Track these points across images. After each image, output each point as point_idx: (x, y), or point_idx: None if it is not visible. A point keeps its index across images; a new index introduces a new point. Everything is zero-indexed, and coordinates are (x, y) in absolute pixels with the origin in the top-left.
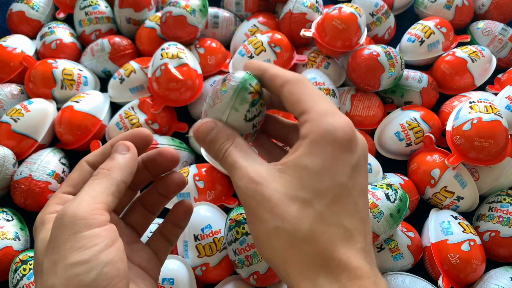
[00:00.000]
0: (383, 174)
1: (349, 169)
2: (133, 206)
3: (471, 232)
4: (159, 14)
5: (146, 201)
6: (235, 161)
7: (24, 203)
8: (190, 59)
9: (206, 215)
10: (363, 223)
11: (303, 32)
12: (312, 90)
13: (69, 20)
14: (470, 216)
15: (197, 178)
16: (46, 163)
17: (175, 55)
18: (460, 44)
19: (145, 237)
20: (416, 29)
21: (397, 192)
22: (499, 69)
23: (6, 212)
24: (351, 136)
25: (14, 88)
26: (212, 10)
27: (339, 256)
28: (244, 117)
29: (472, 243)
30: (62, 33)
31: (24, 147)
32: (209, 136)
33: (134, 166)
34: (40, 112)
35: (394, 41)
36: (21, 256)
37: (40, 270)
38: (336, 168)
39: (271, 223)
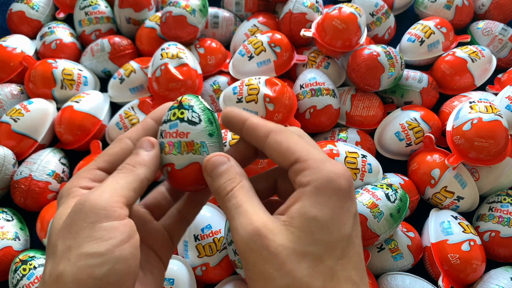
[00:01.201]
0: (383, 174)
1: (352, 218)
2: (170, 213)
3: (471, 232)
4: (159, 14)
5: (181, 210)
6: (240, 205)
7: (24, 203)
8: (190, 59)
9: (206, 215)
10: (365, 273)
11: (303, 32)
12: (299, 139)
13: (69, 20)
14: (470, 216)
15: None
16: (46, 163)
17: (175, 55)
18: (460, 44)
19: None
20: (416, 29)
21: (397, 192)
22: (499, 69)
23: (6, 212)
24: (352, 183)
25: (14, 88)
26: (212, 10)
27: None
28: None
29: (472, 243)
30: (62, 33)
31: (24, 147)
32: (217, 169)
33: (157, 164)
34: (40, 112)
35: (394, 41)
36: (21, 256)
37: (53, 251)
38: (342, 218)
39: (280, 282)
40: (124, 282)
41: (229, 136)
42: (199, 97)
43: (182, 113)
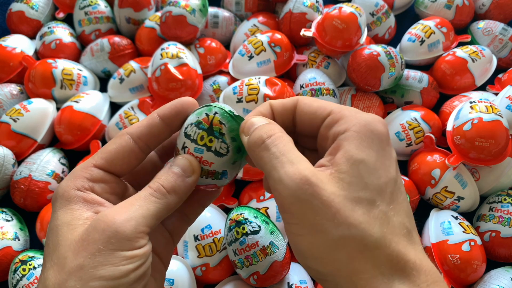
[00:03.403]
0: None
1: (394, 162)
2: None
3: (471, 232)
4: (159, 14)
5: (183, 209)
6: (283, 154)
7: (24, 203)
8: (190, 59)
9: (206, 215)
10: (413, 220)
11: (303, 32)
12: (326, 100)
13: (68, 20)
14: (470, 216)
15: None
16: (46, 163)
17: (175, 55)
18: (461, 44)
19: None
20: (416, 29)
21: None
22: (500, 69)
23: (5, 212)
24: (387, 129)
25: (13, 88)
26: (212, 9)
27: (412, 259)
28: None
29: (472, 243)
30: (62, 33)
31: (23, 147)
32: (255, 125)
33: (191, 191)
34: (39, 112)
35: (394, 41)
36: (20, 257)
37: (60, 262)
38: (386, 162)
39: (335, 233)
40: None
41: None
42: (234, 115)
43: (210, 140)
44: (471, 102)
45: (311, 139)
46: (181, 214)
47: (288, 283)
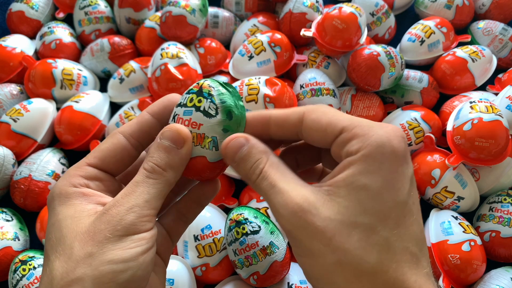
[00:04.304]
0: None
1: (408, 183)
2: (169, 210)
3: (471, 233)
4: (159, 13)
5: (180, 208)
6: (274, 184)
7: (24, 203)
8: (190, 59)
9: (206, 215)
10: (425, 244)
11: (303, 32)
12: (337, 111)
13: (68, 20)
14: (470, 216)
15: None
16: (46, 163)
17: (175, 55)
18: (461, 44)
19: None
20: (416, 29)
21: None
22: (500, 69)
23: (5, 212)
24: (406, 143)
25: (13, 88)
26: (212, 9)
27: (411, 286)
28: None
29: (472, 243)
30: (62, 33)
31: (23, 147)
32: (239, 153)
33: (187, 162)
34: (39, 112)
35: (394, 41)
36: (20, 257)
37: (65, 252)
38: (397, 185)
39: (331, 258)
40: (143, 286)
41: None
42: (224, 84)
43: (199, 101)
44: (471, 102)
45: (315, 149)
46: (178, 213)
47: (288, 283)
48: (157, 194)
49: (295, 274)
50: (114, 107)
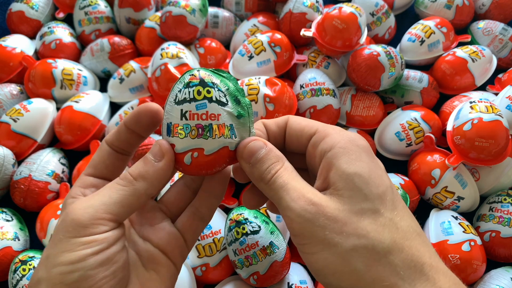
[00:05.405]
0: None
1: (385, 172)
2: (186, 210)
3: (471, 233)
4: (158, 13)
5: (194, 203)
6: (287, 182)
7: (24, 203)
8: (190, 59)
9: None
10: (420, 225)
11: (303, 32)
12: (316, 121)
13: (68, 20)
14: (470, 216)
15: None
16: (46, 163)
17: (175, 55)
18: (461, 44)
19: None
20: (416, 29)
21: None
22: (500, 69)
23: (5, 212)
24: (369, 144)
25: (13, 88)
26: (212, 9)
27: (428, 261)
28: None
29: (472, 243)
30: (62, 33)
31: (23, 147)
32: (256, 155)
33: (166, 177)
34: (39, 112)
35: (394, 41)
36: (20, 257)
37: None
38: (378, 171)
39: (346, 244)
40: (100, 286)
41: None
42: (216, 70)
43: (208, 91)
44: (471, 102)
45: (300, 156)
46: (192, 208)
47: (288, 283)
48: (119, 200)
49: (295, 274)
50: (114, 107)
